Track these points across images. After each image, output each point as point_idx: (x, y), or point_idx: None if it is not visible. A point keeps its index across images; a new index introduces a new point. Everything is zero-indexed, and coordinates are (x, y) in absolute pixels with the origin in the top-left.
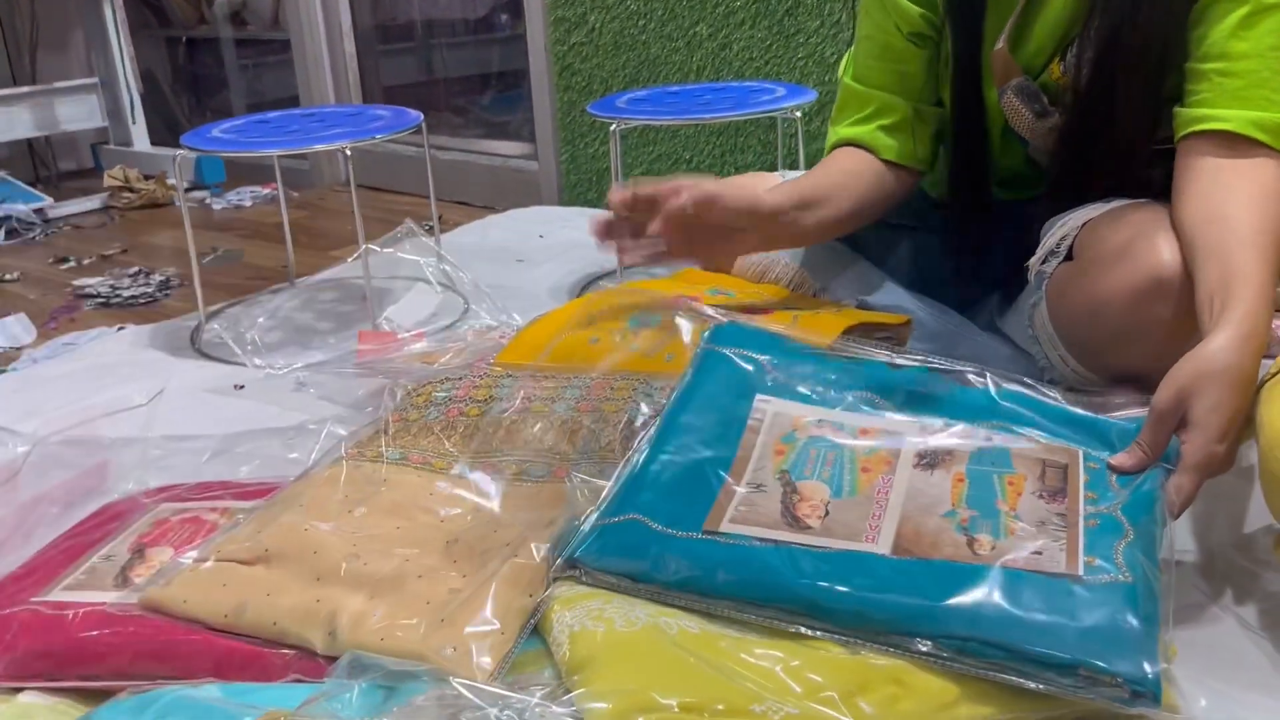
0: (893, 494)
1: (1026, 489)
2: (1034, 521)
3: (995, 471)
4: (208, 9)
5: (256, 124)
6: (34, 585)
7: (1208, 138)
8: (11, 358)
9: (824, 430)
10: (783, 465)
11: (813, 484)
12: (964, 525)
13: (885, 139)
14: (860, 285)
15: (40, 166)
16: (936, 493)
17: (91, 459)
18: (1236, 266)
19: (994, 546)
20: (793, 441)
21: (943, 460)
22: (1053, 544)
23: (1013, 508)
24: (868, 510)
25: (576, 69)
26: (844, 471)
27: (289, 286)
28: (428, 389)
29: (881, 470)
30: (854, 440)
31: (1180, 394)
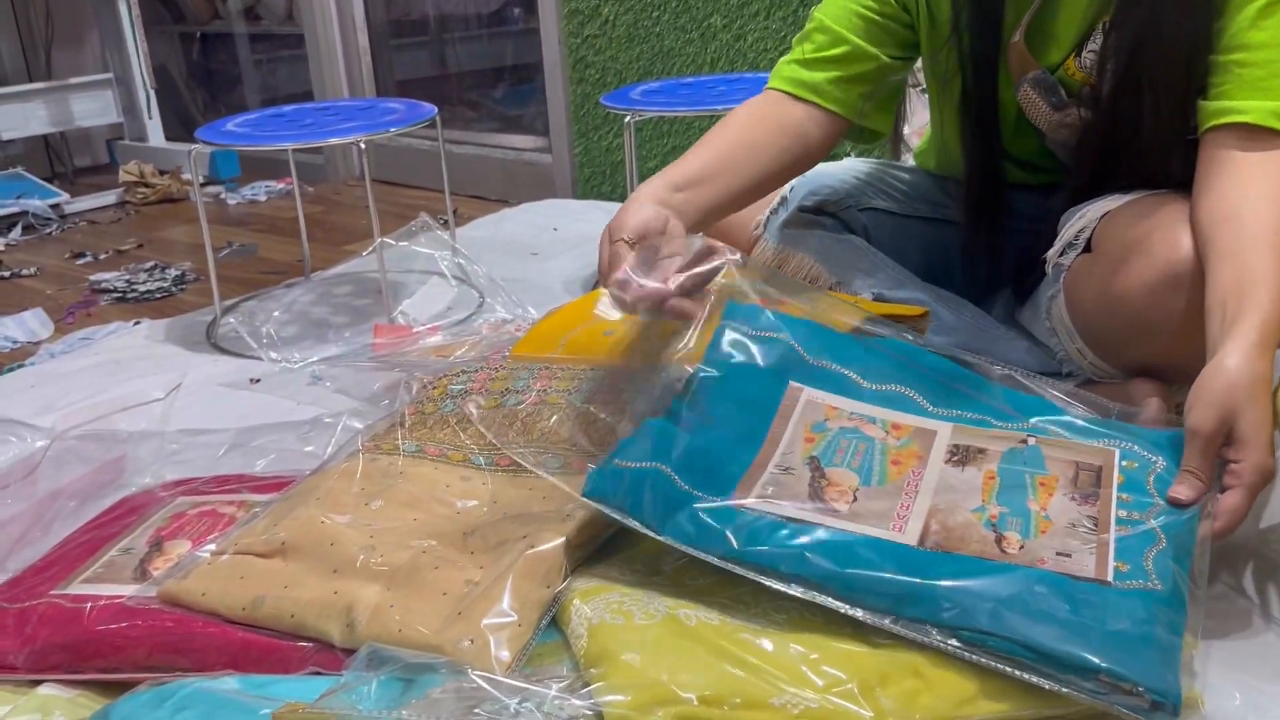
0: (923, 486)
1: (1059, 490)
2: (1065, 523)
3: (1027, 471)
4: (221, 4)
5: (271, 118)
6: (53, 578)
7: (1229, 130)
8: (29, 352)
9: (856, 423)
10: (812, 452)
11: (841, 471)
12: (993, 521)
13: (834, 91)
14: (876, 279)
15: (56, 162)
16: (967, 488)
17: (109, 453)
18: (1251, 270)
19: (1022, 545)
20: (824, 431)
21: (974, 458)
22: (1082, 547)
23: (1043, 507)
24: (896, 500)
25: (590, 61)
26: (874, 463)
27: (304, 280)
28: (443, 382)
29: (912, 464)
30: (885, 434)
31: (1223, 414)
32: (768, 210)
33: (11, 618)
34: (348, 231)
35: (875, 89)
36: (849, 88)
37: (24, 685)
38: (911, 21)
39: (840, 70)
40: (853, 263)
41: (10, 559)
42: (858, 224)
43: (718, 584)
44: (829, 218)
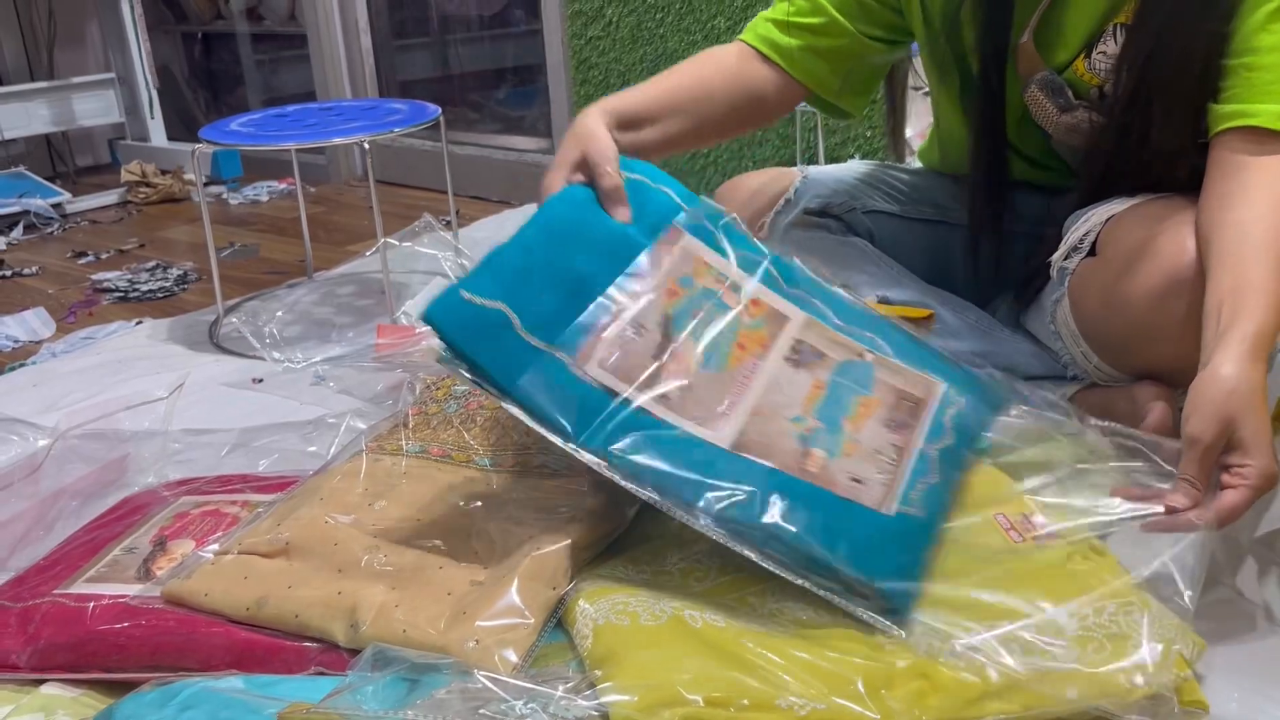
0: (755, 382)
1: (876, 414)
2: (870, 448)
3: (854, 389)
4: (224, 4)
5: (274, 118)
6: (56, 578)
7: (1237, 134)
8: (30, 351)
9: (721, 286)
10: (669, 311)
11: (688, 344)
12: (806, 435)
13: (804, 60)
14: (880, 280)
15: (58, 162)
16: (793, 393)
17: (111, 453)
18: (1248, 276)
19: (824, 465)
20: (689, 287)
21: (811, 362)
22: (877, 476)
23: (856, 429)
24: (725, 393)
25: (594, 63)
26: (720, 342)
27: (307, 280)
28: (447, 383)
29: (755, 352)
30: (742, 309)
31: (1223, 422)
32: (772, 212)
33: (14, 617)
34: (349, 232)
35: (851, 67)
36: (820, 60)
37: (27, 684)
38: (899, 6)
39: (814, 40)
40: (857, 265)
41: (13, 558)
42: (862, 226)
43: (723, 586)
44: (833, 220)
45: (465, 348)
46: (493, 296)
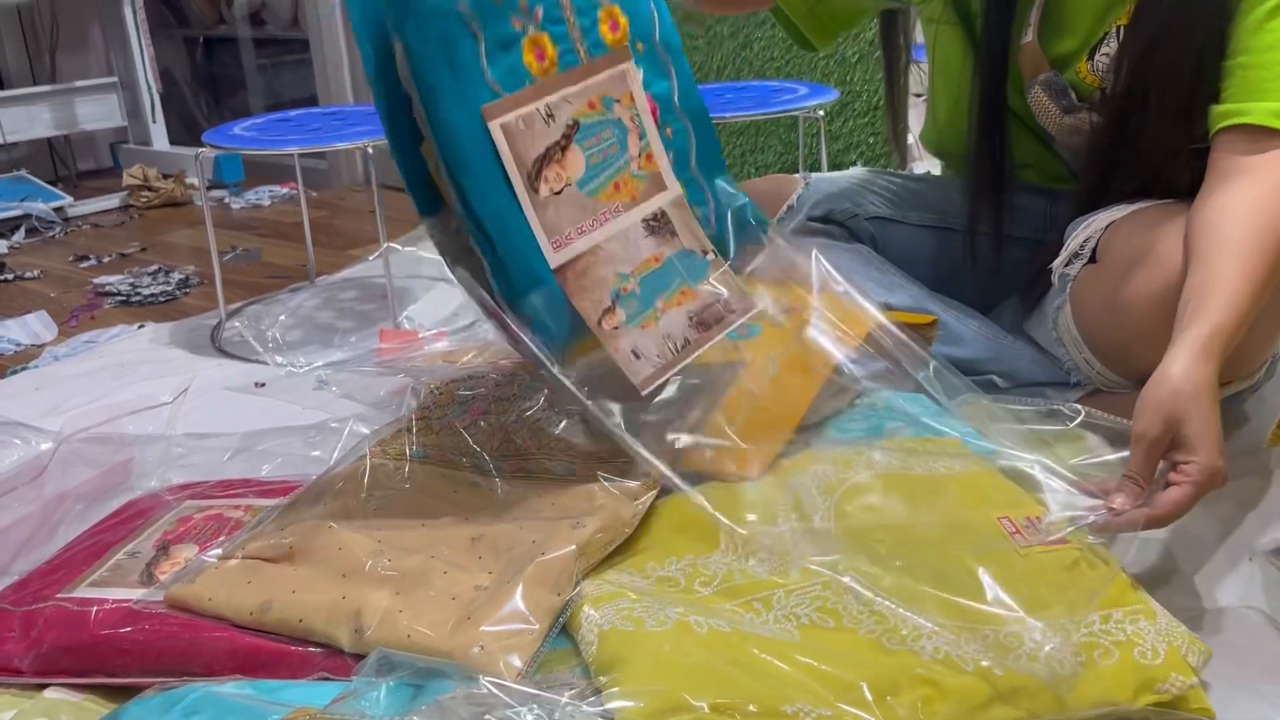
0: (611, 223)
1: (687, 304)
2: (666, 330)
3: (683, 276)
4: (227, 9)
5: (277, 122)
6: (59, 582)
7: (1232, 132)
8: (33, 355)
9: (632, 126)
10: (580, 118)
11: (577, 155)
12: (623, 294)
13: None
14: (884, 287)
15: (60, 165)
16: (633, 253)
17: (115, 456)
18: (1212, 275)
19: (618, 327)
20: (608, 109)
21: (663, 235)
22: (656, 359)
23: (664, 310)
24: (580, 221)
25: None
26: (604, 173)
27: (309, 285)
28: (451, 388)
29: (625, 200)
30: (637, 156)
31: (1167, 420)
32: (775, 218)
33: (17, 621)
34: (351, 236)
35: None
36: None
37: (30, 689)
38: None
39: None
40: (860, 271)
41: (16, 562)
42: (865, 233)
43: (728, 592)
44: (836, 227)
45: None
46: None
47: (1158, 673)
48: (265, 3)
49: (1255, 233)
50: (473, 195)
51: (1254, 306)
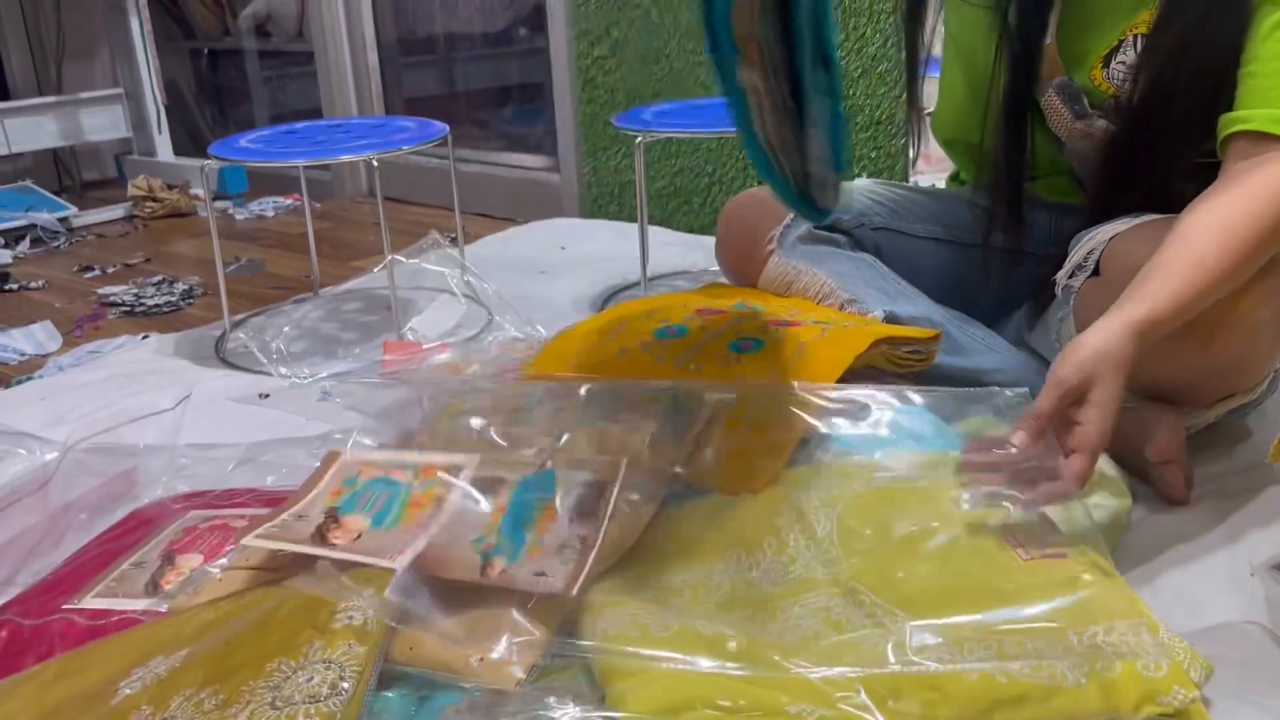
0: (434, 523)
1: (561, 511)
2: (556, 545)
3: (536, 498)
4: (232, 21)
5: (283, 134)
6: (65, 592)
7: (1237, 139)
8: (37, 365)
9: (385, 471)
10: (335, 504)
11: (354, 516)
12: (486, 551)
13: None
14: (888, 297)
15: (64, 176)
16: (475, 521)
17: (119, 466)
18: (1167, 260)
19: (504, 570)
20: (352, 485)
21: (492, 488)
22: (561, 567)
23: (541, 532)
24: (403, 538)
25: (599, 82)
26: (392, 508)
27: (313, 296)
28: (454, 405)
29: (430, 507)
30: (412, 479)
31: (1086, 377)
32: (780, 226)
33: (28, 634)
34: (355, 248)
35: None
36: None
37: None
38: None
39: None
40: (865, 280)
41: (21, 573)
42: (870, 243)
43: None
44: (842, 235)
45: None
46: None
47: (1160, 686)
48: (270, 15)
49: (1218, 228)
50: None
51: (1201, 297)
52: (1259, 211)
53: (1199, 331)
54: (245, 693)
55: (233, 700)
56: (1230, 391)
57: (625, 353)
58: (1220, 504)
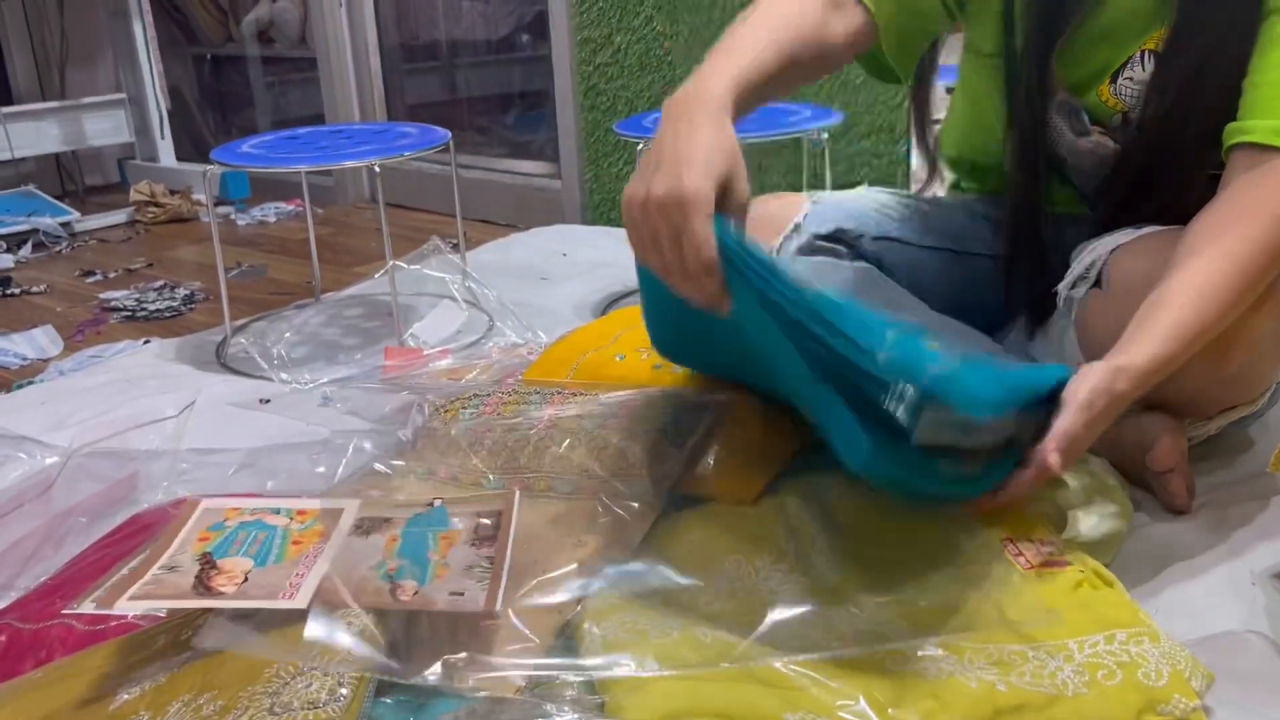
0: (321, 558)
1: (460, 540)
2: (462, 566)
3: (431, 530)
4: (235, 27)
5: (285, 140)
6: (64, 597)
7: (1238, 151)
8: (38, 369)
9: (258, 515)
10: (205, 549)
11: (234, 559)
12: (390, 574)
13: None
14: (890, 307)
15: (67, 181)
16: (368, 551)
17: (120, 471)
18: (1165, 298)
19: (417, 591)
20: (220, 530)
21: (379, 526)
22: (475, 585)
23: (444, 556)
24: (291, 572)
25: (601, 89)
26: (272, 547)
27: (314, 302)
28: (455, 405)
29: (314, 543)
30: (289, 521)
31: (1100, 397)
32: (781, 236)
33: (27, 639)
34: (356, 254)
35: (908, 19)
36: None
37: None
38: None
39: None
40: (866, 291)
41: (21, 577)
42: (871, 253)
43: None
44: (843, 246)
45: None
46: None
47: (1161, 694)
48: (274, 21)
49: (1220, 254)
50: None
51: (1201, 332)
52: (1263, 239)
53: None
54: (244, 698)
55: (231, 706)
56: (1233, 403)
57: (623, 359)
58: (1221, 513)
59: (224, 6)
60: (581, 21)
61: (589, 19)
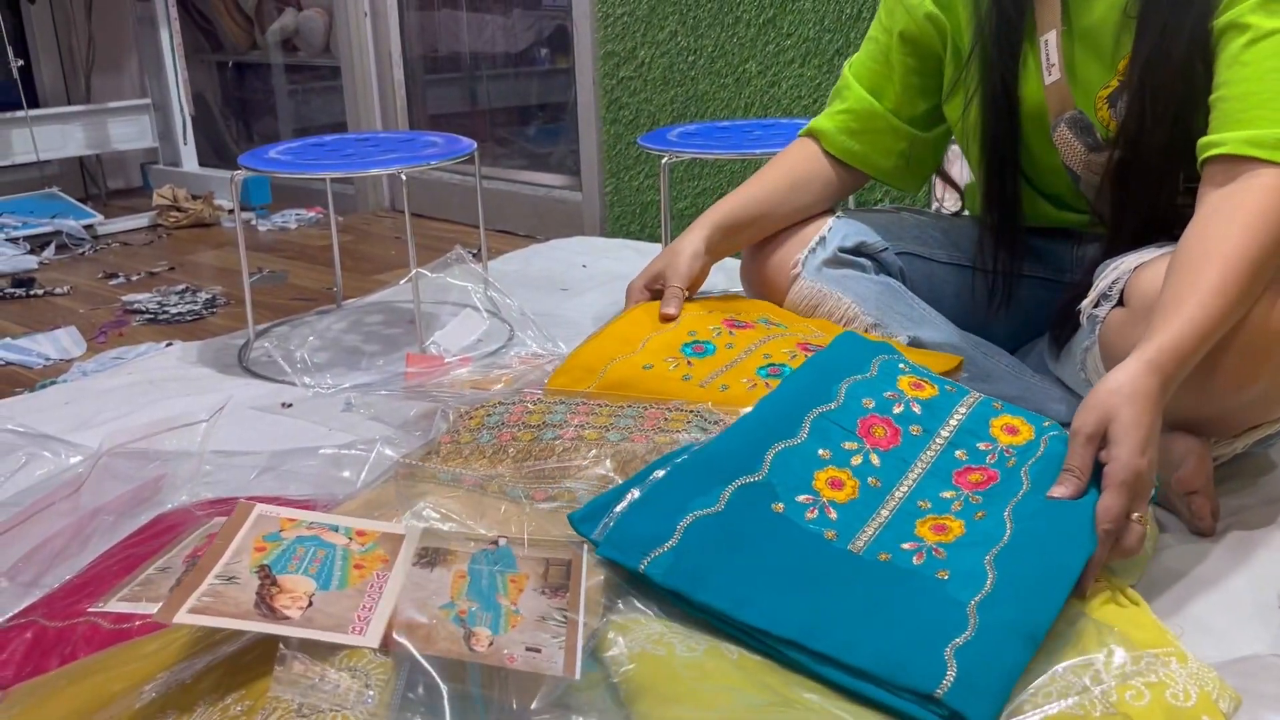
0: (387, 588)
1: (529, 585)
2: (535, 616)
3: (498, 570)
4: (260, 35)
5: (312, 147)
6: (91, 595)
7: (1213, 163)
8: (61, 369)
9: (316, 531)
10: (262, 560)
11: (295, 578)
12: (462, 618)
13: (850, 144)
14: (912, 321)
15: (90, 184)
16: (436, 587)
17: (146, 471)
18: (1172, 297)
19: (492, 641)
20: (277, 540)
21: (443, 558)
22: (552, 641)
23: (514, 602)
24: (358, 602)
25: (624, 103)
26: (334, 568)
27: (336, 308)
28: (480, 413)
29: (377, 568)
30: (349, 540)
31: (1100, 417)
32: (805, 250)
33: (53, 636)
34: (376, 261)
35: (908, 148)
36: (884, 154)
37: None
38: (941, 55)
39: (868, 137)
40: (890, 305)
41: (48, 574)
42: (894, 267)
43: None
44: (867, 259)
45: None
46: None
47: (1189, 715)
48: (299, 29)
49: (1220, 256)
50: None
51: (1215, 322)
52: (1247, 239)
53: (1226, 365)
54: (271, 699)
55: (259, 706)
56: (1257, 422)
57: (650, 368)
58: (1246, 536)
59: (250, 15)
60: (606, 35)
61: (614, 33)
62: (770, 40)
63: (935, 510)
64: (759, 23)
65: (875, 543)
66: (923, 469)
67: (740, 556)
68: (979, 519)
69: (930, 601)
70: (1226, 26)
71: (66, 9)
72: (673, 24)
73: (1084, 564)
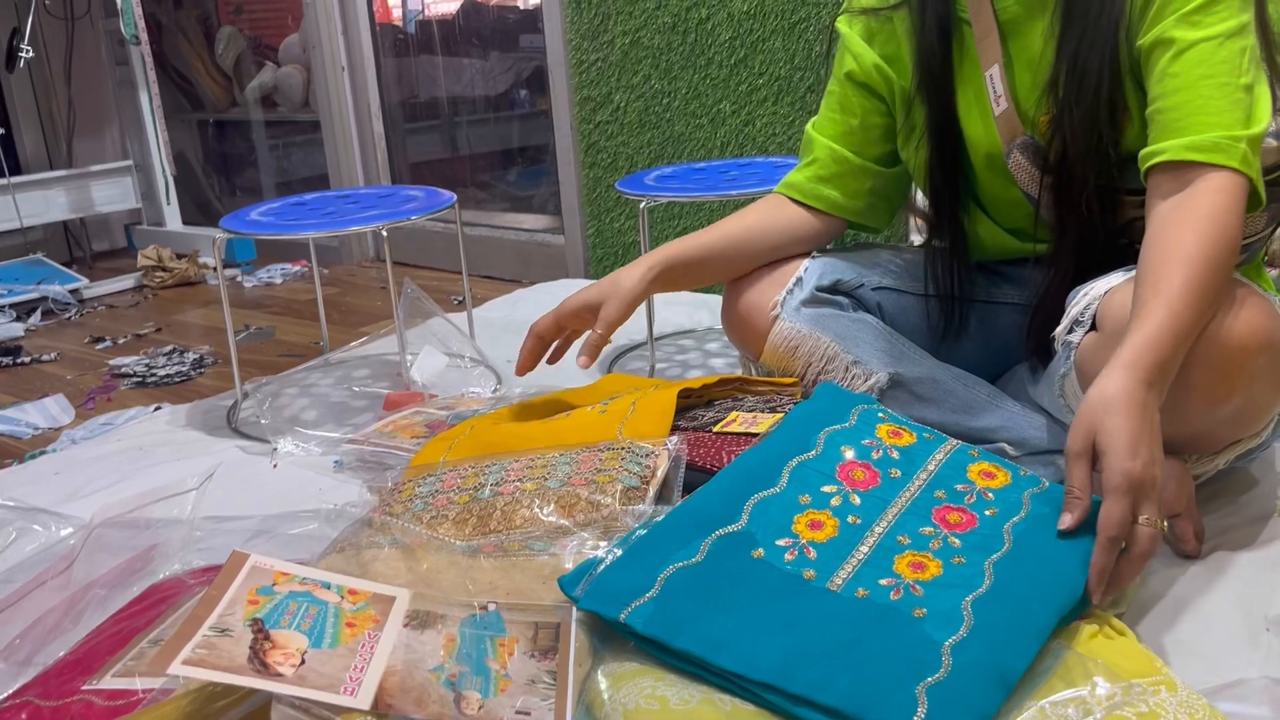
0: (379, 648)
1: (518, 649)
2: (524, 680)
3: (486, 634)
4: (239, 92)
5: (293, 206)
6: (85, 672)
7: (1156, 172)
8: (50, 438)
9: (308, 587)
10: (256, 614)
11: (288, 633)
12: (452, 681)
13: (820, 189)
14: (892, 358)
15: (74, 247)
16: (426, 650)
17: (137, 542)
18: (1139, 303)
19: (482, 705)
20: (270, 594)
21: (434, 621)
22: (541, 704)
23: (504, 666)
24: (350, 662)
25: (602, 146)
26: (326, 626)
27: (323, 363)
28: (409, 487)
29: (368, 627)
30: (340, 599)
31: (1086, 433)
32: (784, 291)
33: (48, 716)
34: (362, 313)
35: (875, 184)
36: (852, 195)
37: None
38: (893, 100)
39: (838, 181)
40: (869, 342)
41: (41, 652)
42: (871, 303)
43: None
44: (844, 297)
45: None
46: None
47: None
48: (277, 86)
49: (1178, 261)
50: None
51: (1185, 322)
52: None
53: (1199, 383)
54: None
55: None
56: (1237, 437)
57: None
58: (1231, 557)
59: (228, 73)
60: (581, 81)
61: (589, 78)
62: (743, 80)
63: (914, 547)
64: (730, 63)
65: (854, 579)
66: (902, 506)
67: (718, 602)
68: (957, 564)
69: (905, 639)
70: (1153, 44)
71: (46, 76)
72: (646, 68)
73: (1065, 612)
